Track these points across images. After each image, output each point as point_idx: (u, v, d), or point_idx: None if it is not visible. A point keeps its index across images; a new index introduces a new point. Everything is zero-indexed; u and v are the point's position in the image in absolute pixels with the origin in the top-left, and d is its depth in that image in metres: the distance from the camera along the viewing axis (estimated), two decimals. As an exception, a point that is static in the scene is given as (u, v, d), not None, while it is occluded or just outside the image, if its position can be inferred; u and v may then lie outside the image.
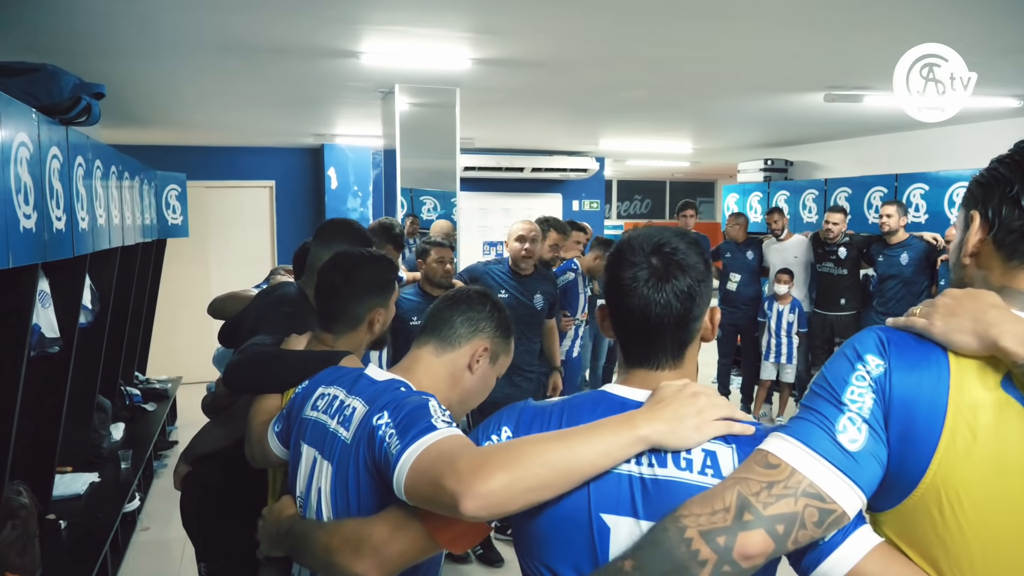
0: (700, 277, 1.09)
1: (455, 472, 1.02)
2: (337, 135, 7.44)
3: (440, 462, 1.08)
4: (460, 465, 1.03)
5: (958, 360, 0.93)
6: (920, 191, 6.17)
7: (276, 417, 1.60)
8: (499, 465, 1.00)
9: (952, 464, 0.90)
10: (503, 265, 4.15)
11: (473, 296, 1.51)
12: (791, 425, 0.98)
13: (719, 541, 0.90)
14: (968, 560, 0.91)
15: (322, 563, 1.27)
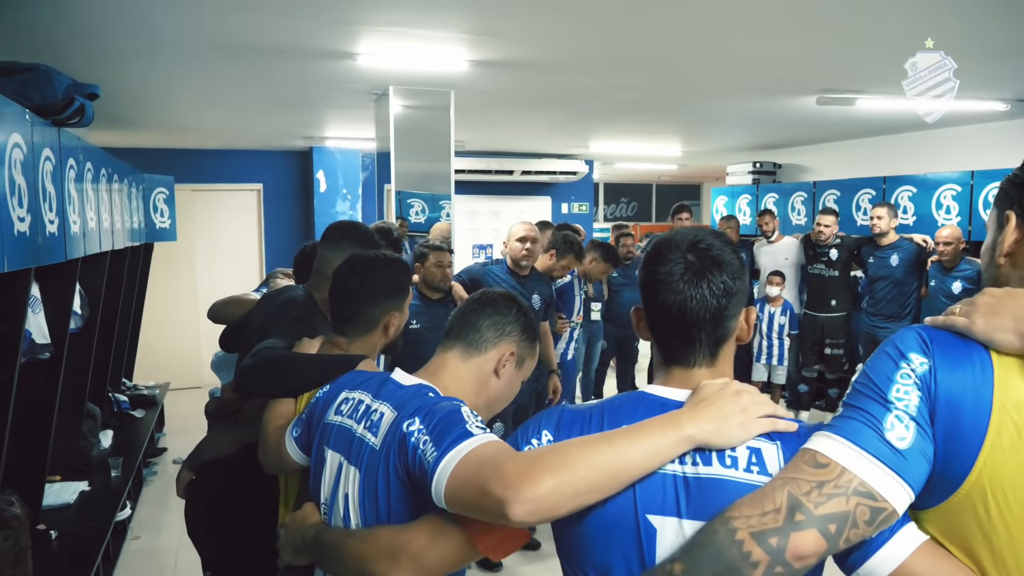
0: (736, 274, 1.09)
1: (502, 477, 1.00)
2: (327, 138, 7.40)
3: (484, 468, 1.06)
4: (506, 470, 1.01)
5: (1000, 358, 0.93)
6: (908, 193, 6.22)
7: (294, 422, 1.57)
8: (546, 469, 0.98)
9: (998, 462, 0.90)
10: (501, 266, 4.14)
11: (499, 300, 1.49)
12: (837, 424, 0.97)
13: (771, 542, 0.90)
14: (1014, 558, 0.91)
15: (355, 571, 1.24)
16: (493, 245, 9.13)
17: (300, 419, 1.55)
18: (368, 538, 1.24)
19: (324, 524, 1.39)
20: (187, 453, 5.68)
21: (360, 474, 1.32)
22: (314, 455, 1.47)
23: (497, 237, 9.16)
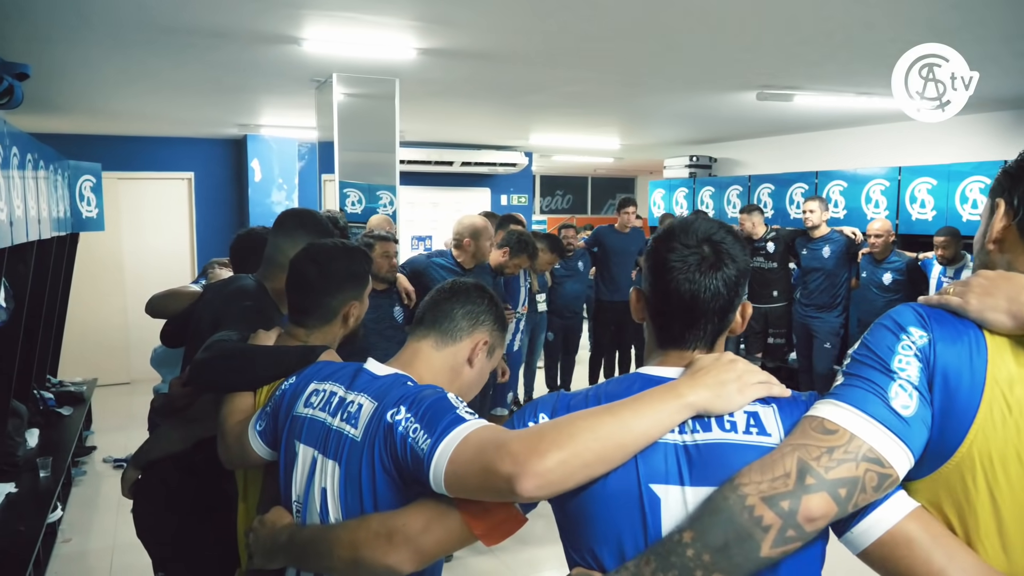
0: (744, 270, 1.12)
1: (509, 455, 1.01)
2: (262, 125, 7.21)
3: (487, 449, 1.06)
4: (513, 447, 1.01)
5: (993, 337, 0.97)
6: (839, 188, 6.45)
7: (258, 415, 1.52)
8: (553, 443, 0.99)
9: (988, 435, 0.94)
10: (446, 258, 4.10)
11: (472, 290, 1.47)
12: (840, 392, 1.00)
13: (783, 505, 0.92)
14: (996, 525, 0.95)
15: (345, 562, 1.20)
16: (432, 236, 9.07)
17: (264, 412, 1.50)
18: (359, 525, 1.21)
19: (297, 524, 1.35)
20: (117, 451, 5.47)
21: (340, 467, 1.28)
22: (283, 450, 1.42)
23: (436, 229, 9.09)
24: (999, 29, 3.42)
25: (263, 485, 1.60)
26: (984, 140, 5.86)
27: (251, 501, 1.70)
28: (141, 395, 7.36)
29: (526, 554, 3.86)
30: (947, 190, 5.60)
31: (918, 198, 5.82)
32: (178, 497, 2.04)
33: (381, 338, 3.47)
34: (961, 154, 5.83)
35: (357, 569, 1.20)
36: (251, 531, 1.41)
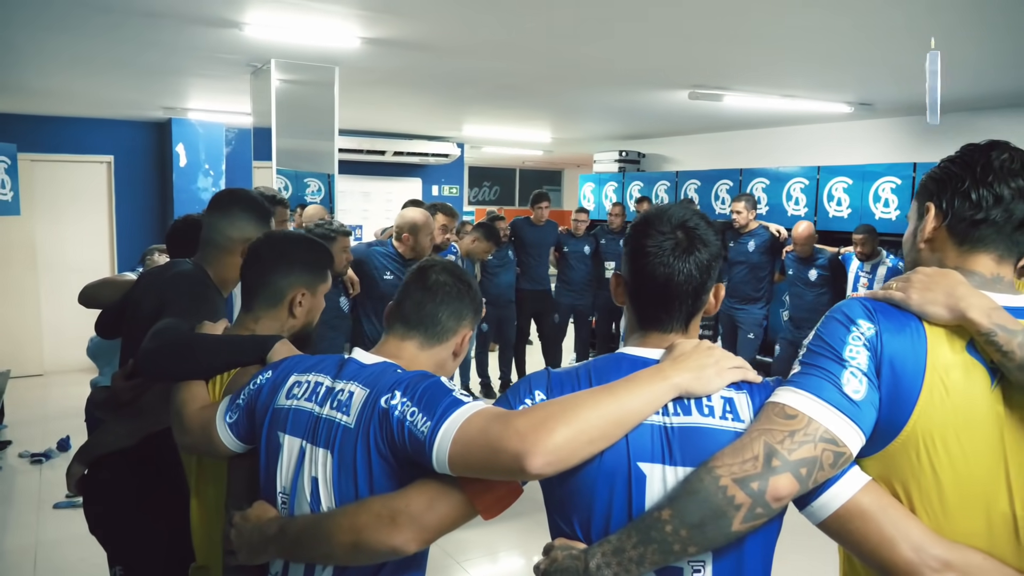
0: (717, 253, 1.21)
1: (516, 433, 1.06)
2: (188, 109, 6.98)
3: (492, 427, 1.10)
4: (519, 426, 1.07)
5: (931, 327, 1.09)
6: (762, 185, 6.72)
7: (227, 407, 1.48)
8: (560, 421, 1.05)
9: (929, 415, 1.05)
10: (387, 248, 4.11)
11: (451, 284, 1.46)
12: (798, 380, 1.10)
13: (753, 486, 1.01)
14: (938, 496, 1.07)
15: (346, 547, 1.21)
16: (363, 227, 8.98)
17: (236, 405, 1.47)
18: (359, 509, 1.22)
19: (284, 516, 1.35)
20: (34, 446, 5.25)
21: (332, 455, 1.29)
22: (264, 442, 1.40)
23: (367, 218, 9.01)
24: (910, 39, 3.65)
25: (231, 478, 1.56)
26: (895, 143, 6.22)
27: (204, 496, 1.66)
28: (56, 387, 7.07)
29: (458, 536, 3.92)
30: (862, 189, 5.93)
31: (835, 196, 6.14)
32: (128, 492, 2.00)
33: (328, 328, 3.46)
34: (874, 156, 6.18)
35: (358, 553, 1.21)
36: (232, 527, 1.38)
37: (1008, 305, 1.10)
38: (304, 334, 1.78)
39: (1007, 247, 1.16)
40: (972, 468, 1.06)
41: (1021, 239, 1.16)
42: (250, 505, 1.39)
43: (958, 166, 1.18)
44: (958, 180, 1.17)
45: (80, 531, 2.36)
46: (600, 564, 1.06)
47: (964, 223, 1.16)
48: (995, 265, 1.16)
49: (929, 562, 1.01)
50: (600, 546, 1.08)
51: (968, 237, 1.16)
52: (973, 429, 1.05)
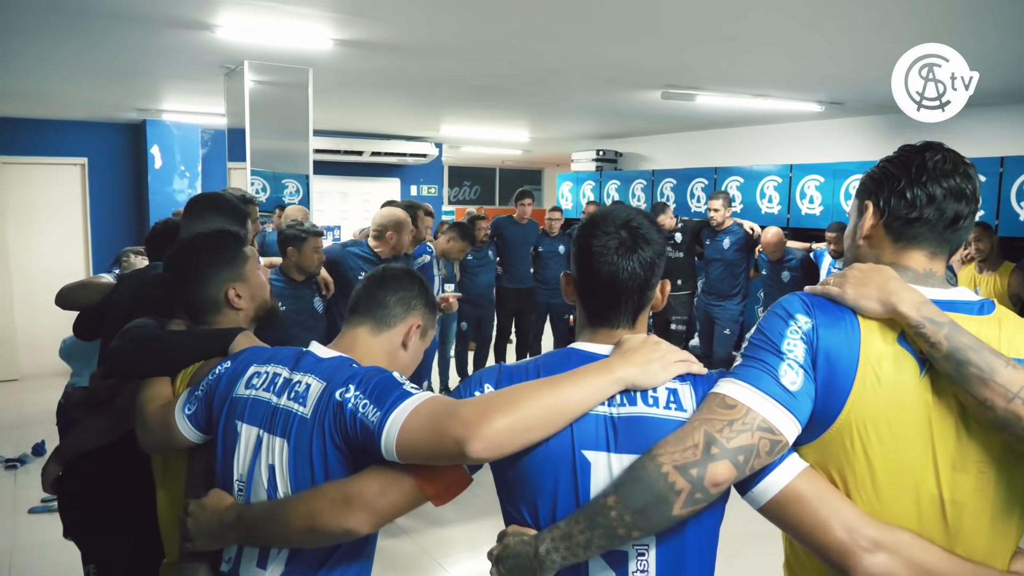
0: (660, 251, 1.26)
1: (459, 421, 1.11)
2: (163, 111, 6.95)
3: (437, 416, 1.16)
4: (462, 414, 1.12)
5: (865, 320, 1.14)
6: (736, 183, 6.81)
7: (186, 399, 1.52)
8: (500, 410, 1.11)
9: (862, 404, 1.10)
10: (361, 248, 4.13)
11: (402, 276, 1.54)
12: (739, 371, 1.15)
13: (692, 473, 1.05)
14: (871, 480, 1.12)
15: (301, 530, 1.26)
16: (341, 227, 8.97)
17: (194, 396, 1.50)
18: (313, 495, 1.27)
19: (240, 503, 1.39)
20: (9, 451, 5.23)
21: (289, 444, 1.34)
22: (221, 431, 1.44)
23: (345, 219, 9.01)
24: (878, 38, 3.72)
25: (189, 469, 1.60)
26: (866, 141, 6.31)
27: (171, 489, 1.70)
28: (32, 392, 7.01)
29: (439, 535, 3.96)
30: (833, 187, 6.03)
31: (807, 194, 6.23)
32: (102, 489, 2.03)
33: (302, 328, 3.47)
34: (846, 154, 6.28)
35: (313, 535, 1.26)
36: (188, 516, 1.42)
37: (937, 299, 1.15)
38: (264, 313, 1.81)
39: (939, 244, 1.21)
40: (902, 454, 1.10)
41: (952, 236, 1.21)
42: (207, 494, 1.43)
43: (895, 166, 1.23)
44: (894, 180, 1.22)
45: (56, 536, 2.38)
46: (549, 549, 1.11)
47: (899, 221, 1.21)
48: (928, 261, 1.21)
49: (861, 542, 1.06)
50: (549, 531, 1.12)
51: (903, 235, 1.21)
52: (903, 416, 1.10)
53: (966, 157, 1.24)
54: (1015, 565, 1.16)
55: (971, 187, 1.20)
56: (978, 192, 1.22)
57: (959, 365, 1.06)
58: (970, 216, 1.21)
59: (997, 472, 1.11)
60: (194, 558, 1.46)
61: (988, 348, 1.07)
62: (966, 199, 1.19)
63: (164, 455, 1.70)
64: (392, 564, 3.69)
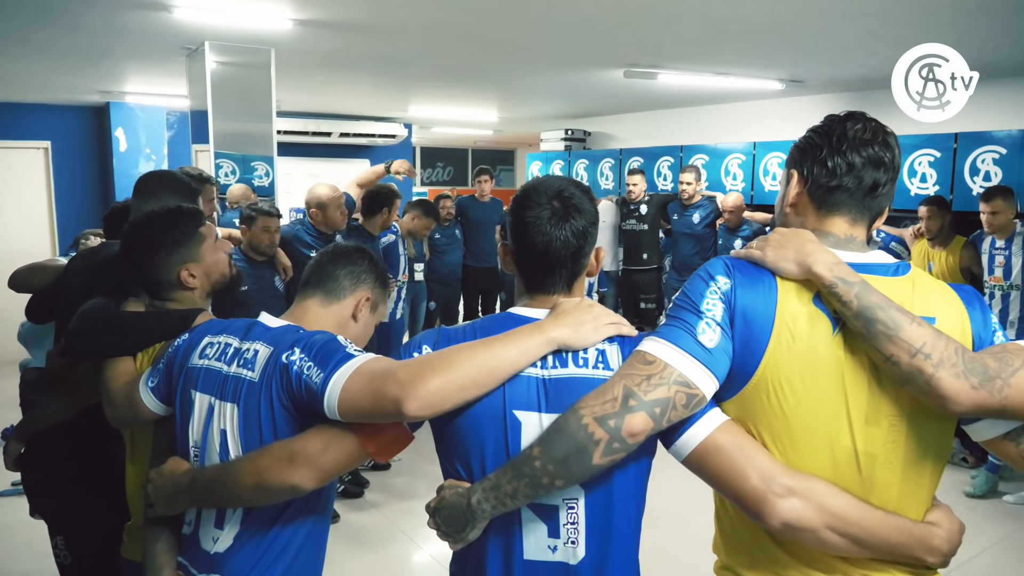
0: (592, 220, 1.31)
1: (396, 380, 1.17)
2: (127, 92, 6.87)
3: (375, 376, 1.21)
4: (399, 374, 1.17)
5: (783, 281, 1.21)
6: (701, 161, 6.88)
7: (149, 373, 1.57)
8: (434, 370, 1.16)
9: (778, 360, 1.17)
10: (307, 225, 4.19)
11: (352, 252, 1.61)
12: (661, 330, 1.21)
13: (610, 423, 1.12)
14: (787, 433, 1.19)
15: (251, 488, 1.32)
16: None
17: (156, 369, 1.56)
18: (261, 454, 1.33)
19: (196, 468, 1.44)
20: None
21: (239, 408, 1.39)
22: (179, 400, 1.50)
23: (315, 201, 8.96)
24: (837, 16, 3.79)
25: (155, 440, 1.65)
26: (827, 118, 6.39)
27: (139, 463, 1.74)
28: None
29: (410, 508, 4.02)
30: (795, 164, 6.10)
31: (770, 171, 6.32)
32: (66, 463, 2.06)
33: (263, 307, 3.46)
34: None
35: (261, 493, 1.32)
36: (148, 482, 1.48)
37: (854, 262, 1.21)
38: (223, 287, 1.83)
39: (859, 211, 1.27)
40: (817, 408, 1.17)
41: (871, 203, 1.27)
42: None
43: (818, 135, 1.28)
44: (817, 149, 1.27)
45: (25, 517, 2.40)
46: (480, 499, 1.17)
47: (821, 189, 1.27)
48: (849, 227, 1.27)
49: (775, 489, 1.13)
50: (481, 483, 1.19)
51: (825, 202, 1.27)
52: (817, 372, 1.17)
53: (888, 126, 1.29)
54: (930, 516, 1.24)
55: (890, 155, 1.25)
56: (897, 160, 1.27)
57: (867, 322, 1.13)
58: (888, 184, 1.27)
59: (907, 425, 1.19)
60: (157, 523, 1.52)
61: (896, 306, 1.14)
62: (884, 167, 1.24)
63: (132, 431, 1.74)
64: (364, 539, 3.76)
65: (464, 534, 1.21)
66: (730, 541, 1.32)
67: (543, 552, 1.24)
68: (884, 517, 1.17)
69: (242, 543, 1.41)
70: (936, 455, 1.23)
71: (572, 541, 1.23)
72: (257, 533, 1.41)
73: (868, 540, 1.15)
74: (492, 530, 1.26)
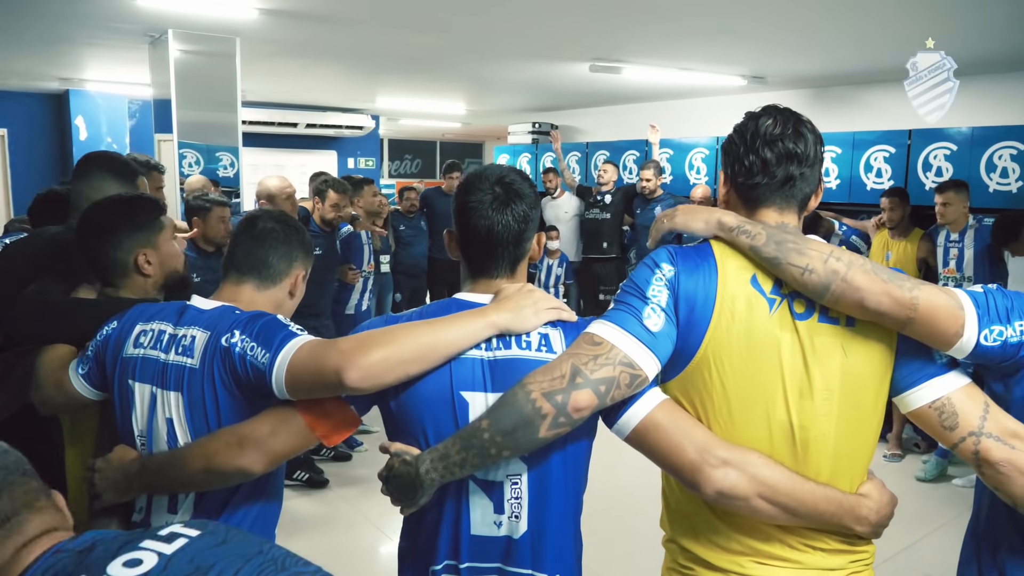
0: (532, 205, 1.35)
1: (338, 352, 1.20)
2: (87, 80, 6.77)
3: (318, 351, 1.25)
4: (342, 347, 1.21)
5: (722, 265, 1.26)
6: (666, 155, 6.96)
7: (78, 360, 1.57)
8: (376, 343, 1.20)
9: (718, 340, 1.23)
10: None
11: (276, 229, 1.56)
12: (609, 314, 1.26)
13: (557, 399, 1.17)
14: (727, 408, 1.25)
15: (200, 473, 1.34)
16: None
17: (85, 356, 1.55)
18: (209, 439, 1.35)
19: (143, 456, 1.45)
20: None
21: (183, 396, 1.41)
22: (116, 391, 1.50)
23: (281, 192, 8.89)
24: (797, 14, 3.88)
25: (100, 428, 1.64)
26: (788, 114, 6.52)
27: (81, 444, 1.72)
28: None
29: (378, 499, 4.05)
30: (756, 158, 6.21)
31: (733, 165, 6.42)
32: None
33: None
34: (768, 126, 6.47)
35: (211, 477, 1.34)
36: (95, 472, 1.47)
37: None
38: (173, 282, 1.82)
39: (783, 200, 1.33)
40: (754, 383, 1.24)
41: (790, 193, 1.32)
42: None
43: (737, 134, 1.34)
44: (736, 148, 1.33)
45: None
46: (428, 469, 1.22)
47: (743, 187, 1.34)
48: (778, 215, 1.33)
49: (710, 460, 1.19)
50: (429, 453, 1.23)
51: (749, 197, 1.34)
52: (754, 350, 1.23)
53: (803, 115, 1.33)
54: (863, 488, 1.31)
55: (803, 147, 1.29)
56: (813, 148, 1.31)
57: (778, 245, 1.22)
58: (805, 172, 1.31)
59: (840, 400, 1.25)
60: (104, 513, 1.51)
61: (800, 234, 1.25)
62: (797, 160, 1.29)
63: (72, 415, 1.72)
64: (332, 531, 3.78)
65: (415, 500, 1.25)
66: (674, 516, 1.38)
67: (489, 528, 1.29)
68: (814, 488, 1.23)
69: None
70: (867, 430, 1.30)
71: (516, 516, 1.28)
72: (210, 517, 1.42)
73: (798, 509, 1.22)
74: (439, 508, 1.30)
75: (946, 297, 1.18)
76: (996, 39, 4.25)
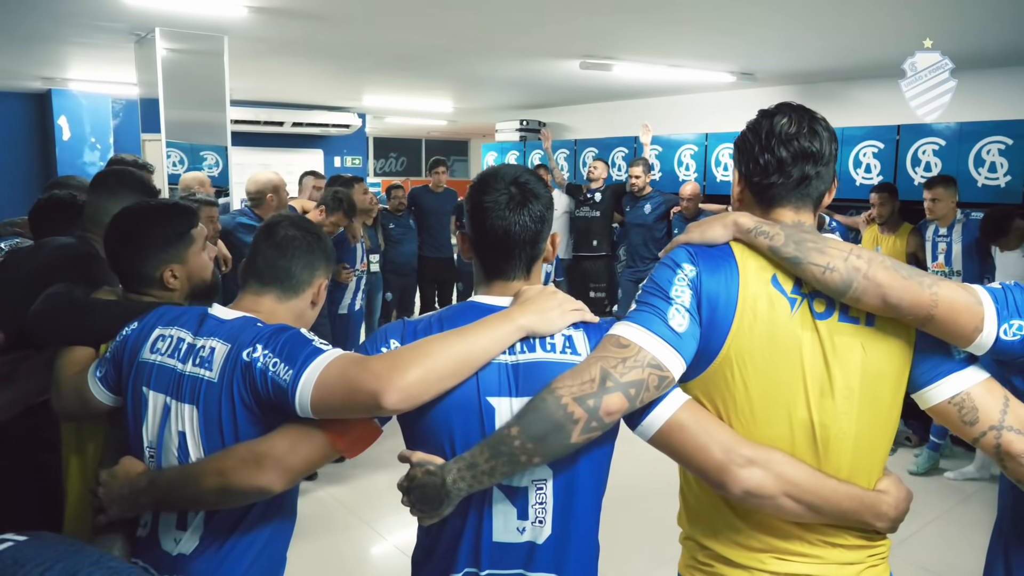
0: (548, 205, 1.34)
1: (372, 374, 1.17)
2: (70, 79, 6.67)
3: (349, 371, 1.21)
4: (375, 367, 1.18)
5: (743, 266, 1.26)
6: (655, 152, 6.98)
7: (97, 363, 1.53)
8: (412, 362, 1.17)
9: (741, 339, 1.23)
10: (249, 216, 4.14)
11: (299, 238, 1.53)
12: (633, 316, 1.25)
13: (589, 403, 1.16)
14: (749, 408, 1.25)
15: (214, 490, 1.30)
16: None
17: (104, 359, 1.52)
18: (225, 455, 1.31)
19: (152, 469, 1.41)
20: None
21: (198, 409, 1.36)
22: (130, 397, 1.45)
23: (268, 191, 8.83)
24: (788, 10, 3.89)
25: (107, 436, 1.61)
26: (776, 110, 6.54)
27: (87, 454, 1.68)
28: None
29: (373, 501, 4.03)
30: (745, 155, 6.24)
31: (722, 162, 6.46)
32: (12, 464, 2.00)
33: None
34: (757, 122, 6.49)
35: (226, 495, 1.30)
36: (99, 486, 1.43)
37: None
38: (202, 290, 1.79)
39: (798, 199, 1.32)
40: (776, 382, 1.24)
41: (806, 192, 1.32)
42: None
43: (751, 133, 1.33)
44: (750, 147, 1.32)
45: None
46: (456, 478, 1.19)
47: (758, 186, 1.33)
48: (794, 214, 1.33)
49: (736, 459, 1.19)
50: (456, 462, 1.21)
51: (764, 197, 1.33)
52: (776, 349, 1.23)
53: (817, 113, 1.33)
54: (880, 484, 1.32)
55: (818, 144, 1.29)
56: (827, 146, 1.30)
57: (798, 245, 1.22)
58: (821, 171, 1.31)
59: (859, 398, 1.25)
60: (109, 528, 1.47)
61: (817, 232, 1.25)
62: (812, 157, 1.29)
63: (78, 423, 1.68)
64: (327, 532, 3.75)
65: (440, 511, 1.23)
66: (693, 513, 1.38)
67: (512, 534, 1.27)
68: (837, 485, 1.24)
69: (207, 545, 1.39)
70: (885, 427, 1.30)
71: (540, 520, 1.27)
72: (222, 534, 1.39)
73: (822, 506, 1.22)
74: (461, 516, 1.28)
75: (965, 293, 1.18)
76: (983, 34, 4.28)
